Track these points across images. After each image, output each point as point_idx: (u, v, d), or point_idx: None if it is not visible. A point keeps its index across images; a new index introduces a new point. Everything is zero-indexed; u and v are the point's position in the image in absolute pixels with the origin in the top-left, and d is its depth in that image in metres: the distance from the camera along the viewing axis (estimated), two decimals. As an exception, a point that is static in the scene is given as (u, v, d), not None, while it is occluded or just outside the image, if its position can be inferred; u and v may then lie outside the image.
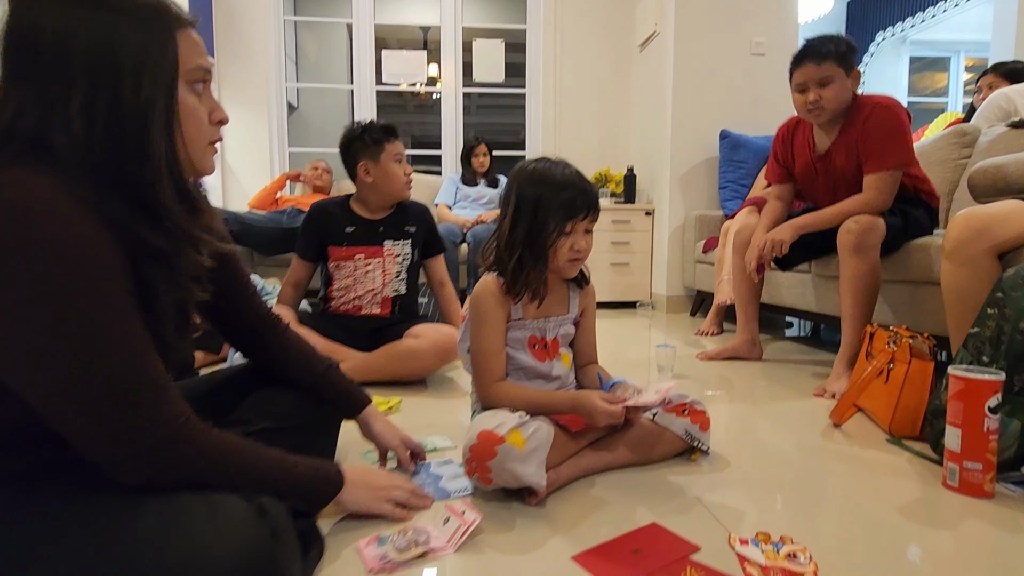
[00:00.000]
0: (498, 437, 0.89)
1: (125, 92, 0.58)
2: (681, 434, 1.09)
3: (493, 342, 1.06)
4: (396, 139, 1.76)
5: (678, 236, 3.28)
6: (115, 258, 0.57)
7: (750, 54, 3.17)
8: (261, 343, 0.94)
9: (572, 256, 1.05)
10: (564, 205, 1.01)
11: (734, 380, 1.82)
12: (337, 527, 0.87)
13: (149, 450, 0.58)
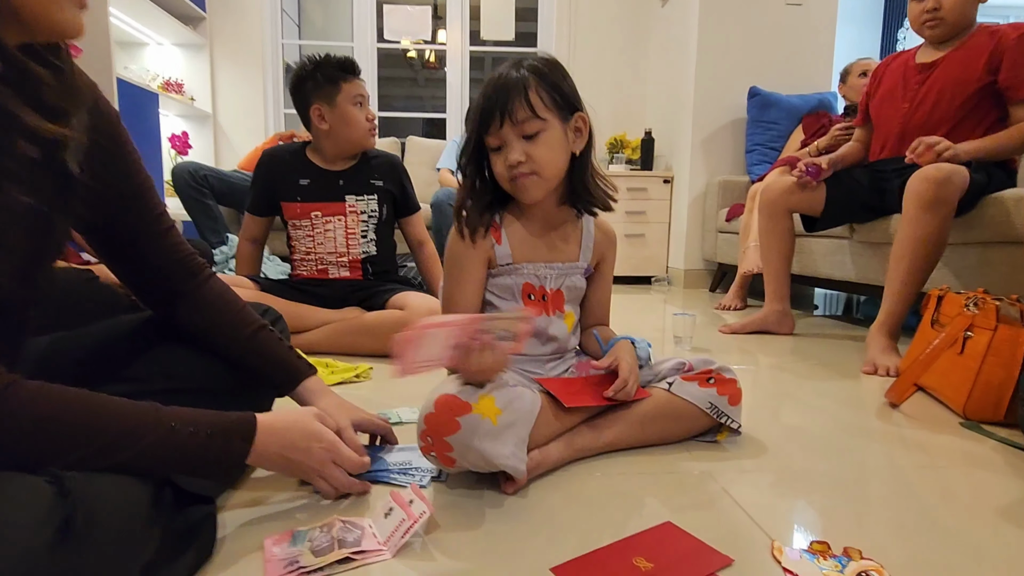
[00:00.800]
0: (462, 403, 0.67)
1: None
2: (704, 408, 0.85)
3: (458, 292, 0.86)
4: (355, 77, 1.51)
5: (699, 205, 3.01)
6: None
7: (785, 4, 2.86)
8: (172, 297, 0.73)
9: (510, 174, 0.82)
10: (474, 113, 0.82)
11: (762, 355, 1.58)
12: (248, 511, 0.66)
13: None
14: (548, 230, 0.90)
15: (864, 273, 1.84)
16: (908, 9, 1.62)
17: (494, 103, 0.79)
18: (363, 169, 1.58)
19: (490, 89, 0.80)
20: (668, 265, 3.26)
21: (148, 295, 0.74)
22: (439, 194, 2.90)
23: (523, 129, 0.80)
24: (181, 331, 0.74)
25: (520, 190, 0.83)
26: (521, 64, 0.81)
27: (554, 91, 0.81)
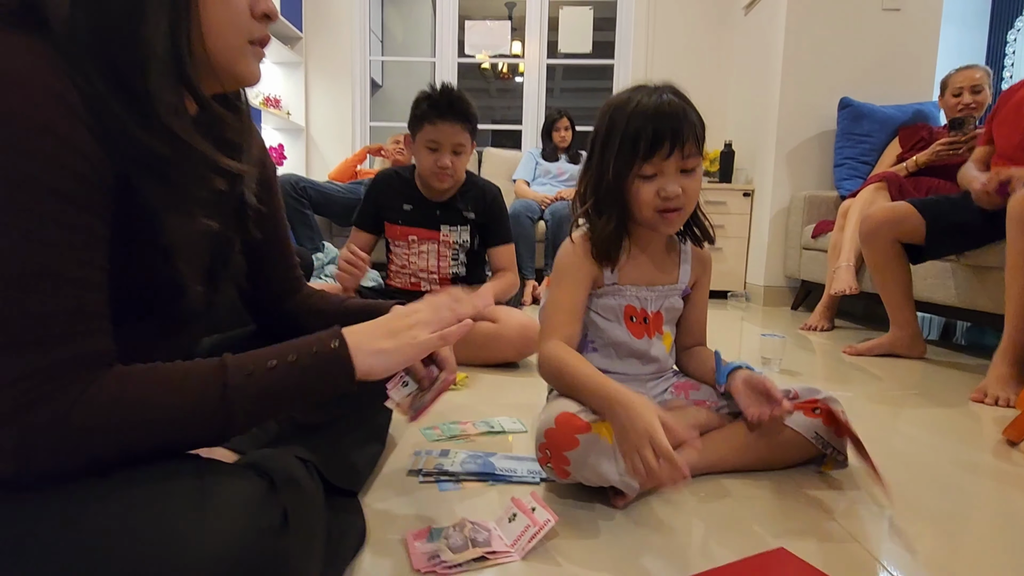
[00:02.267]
0: (582, 423, 0.72)
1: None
2: (810, 438, 0.85)
3: (569, 296, 0.87)
4: (444, 121, 1.45)
5: (781, 219, 2.92)
6: (88, 163, 0.44)
7: (881, 10, 2.74)
8: (283, 308, 0.81)
9: (660, 205, 0.81)
10: (629, 139, 0.79)
11: (857, 380, 1.53)
12: (385, 506, 0.73)
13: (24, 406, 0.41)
14: (651, 254, 0.93)
15: (971, 298, 1.73)
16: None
17: (666, 131, 0.78)
18: (459, 201, 1.61)
19: (658, 116, 0.78)
20: (746, 280, 3.18)
21: (260, 307, 0.82)
22: (516, 205, 2.97)
23: (686, 163, 0.80)
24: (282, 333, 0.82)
25: (665, 223, 0.83)
26: (663, 90, 0.82)
27: (702, 125, 0.83)
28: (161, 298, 0.53)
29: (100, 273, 0.45)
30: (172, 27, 0.48)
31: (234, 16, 0.53)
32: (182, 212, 0.51)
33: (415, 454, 0.90)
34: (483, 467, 0.86)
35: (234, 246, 0.67)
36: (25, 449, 0.40)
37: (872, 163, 2.64)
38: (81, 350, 0.43)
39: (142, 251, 0.50)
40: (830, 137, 2.82)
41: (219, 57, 0.53)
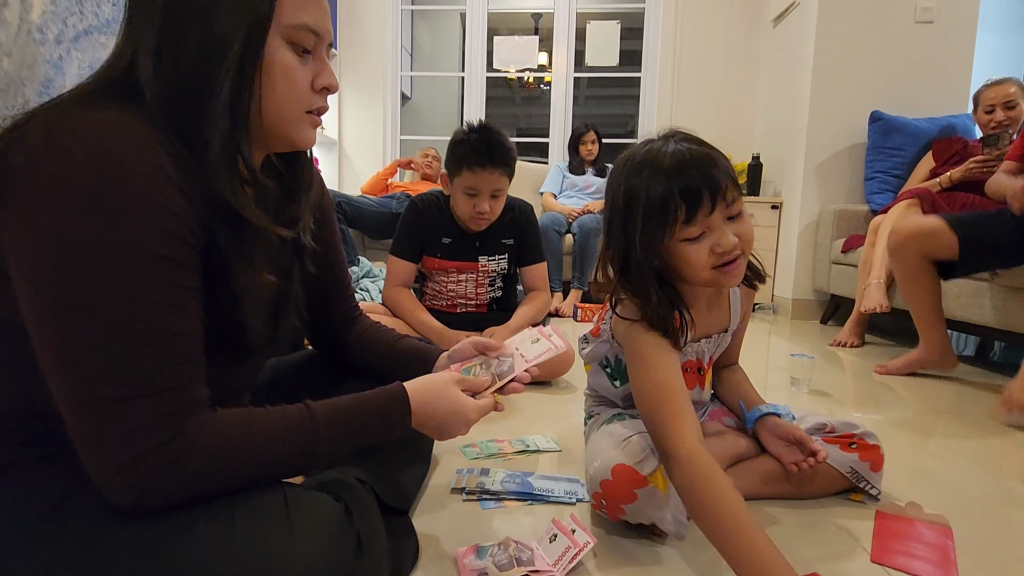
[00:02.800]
0: (640, 477, 0.73)
1: (193, 31, 0.51)
2: (845, 472, 0.88)
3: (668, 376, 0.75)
4: (482, 169, 1.44)
5: (810, 233, 2.91)
6: (186, 227, 0.49)
7: (914, 22, 2.71)
8: (339, 337, 0.88)
9: (718, 261, 0.73)
10: (656, 208, 0.71)
11: (888, 401, 1.53)
12: (432, 523, 0.78)
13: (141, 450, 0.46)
14: (703, 307, 0.87)
15: (1007, 319, 1.72)
16: None
17: (700, 185, 0.69)
18: (497, 230, 1.62)
19: (683, 172, 0.70)
20: (774, 293, 3.17)
21: (320, 335, 0.89)
22: (543, 219, 3.02)
23: (731, 210, 0.73)
24: (341, 361, 0.89)
25: (726, 276, 0.75)
26: (673, 139, 0.75)
27: (729, 163, 0.75)
28: (230, 336, 0.58)
29: (198, 323, 0.51)
30: (233, 102, 0.52)
31: (296, 90, 0.57)
32: (249, 264, 0.56)
33: (457, 472, 0.96)
34: (522, 487, 0.91)
35: (293, 285, 0.73)
36: (143, 489, 0.46)
37: (904, 177, 2.61)
38: (189, 396, 0.49)
39: (216, 296, 0.55)
40: (860, 150, 2.81)
41: (277, 127, 0.57)
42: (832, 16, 2.76)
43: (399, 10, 3.86)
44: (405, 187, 3.32)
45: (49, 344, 0.46)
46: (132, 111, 0.49)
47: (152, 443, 0.46)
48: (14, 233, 0.45)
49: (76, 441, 0.46)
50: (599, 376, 0.96)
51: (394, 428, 0.62)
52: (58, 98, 0.52)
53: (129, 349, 0.46)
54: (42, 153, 0.45)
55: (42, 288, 0.45)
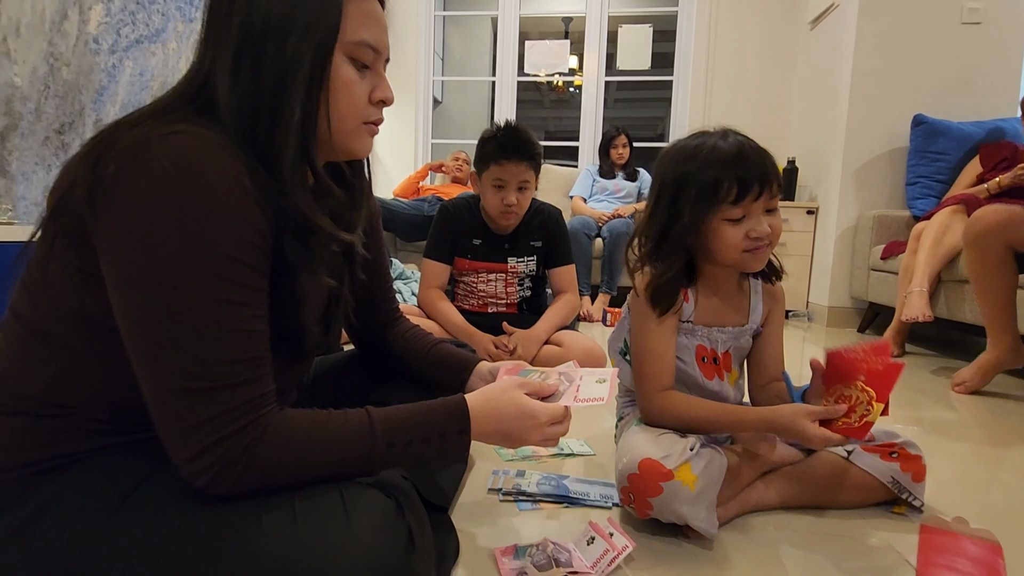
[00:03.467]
0: (665, 471, 0.75)
1: (269, 48, 0.54)
2: (886, 482, 0.86)
3: (658, 340, 0.88)
4: (508, 161, 1.52)
5: (847, 239, 2.84)
6: (260, 234, 0.52)
7: (960, 23, 2.63)
8: (379, 338, 0.91)
9: (749, 245, 0.83)
10: (709, 186, 0.81)
11: (928, 412, 1.49)
12: (470, 522, 0.80)
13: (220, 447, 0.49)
14: (724, 295, 0.93)
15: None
16: None
17: (755, 174, 0.80)
18: (526, 232, 1.66)
19: (742, 160, 0.80)
20: (809, 300, 3.10)
21: (363, 335, 0.92)
22: (573, 222, 3.02)
23: (771, 203, 0.83)
24: (382, 362, 0.92)
25: (754, 259, 0.85)
26: (730, 133, 0.85)
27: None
28: (288, 337, 0.61)
29: (266, 323, 0.54)
30: (304, 116, 0.55)
31: (355, 103, 0.60)
32: (312, 271, 0.59)
33: (493, 473, 0.97)
34: (558, 489, 0.92)
35: (344, 289, 0.75)
36: (216, 472, 0.49)
37: (948, 182, 2.53)
38: (261, 390, 0.52)
39: (279, 300, 0.58)
40: (901, 154, 2.73)
41: (338, 138, 0.60)
42: (873, 18, 2.70)
43: (431, 16, 3.92)
44: (436, 190, 3.37)
45: (138, 341, 0.49)
46: (209, 125, 0.53)
47: (228, 431, 0.49)
48: (107, 239, 0.49)
49: (159, 427, 0.50)
50: (622, 366, 0.98)
51: (452, 441, 0.62)
52: (139, 112, 0.55)
53: (210, 346, 0.49)
54: (132, 164, 0.48)
55: (132, 290, 0.49)
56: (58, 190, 0.52)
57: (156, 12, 2.47)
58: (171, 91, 0.57)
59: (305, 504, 0.51)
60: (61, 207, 0.51)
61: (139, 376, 0.50)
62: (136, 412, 0.53)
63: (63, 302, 0.53)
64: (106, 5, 2.23)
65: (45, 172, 2.05)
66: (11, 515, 0.52)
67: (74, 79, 2.12)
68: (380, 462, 0.57)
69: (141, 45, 2.41)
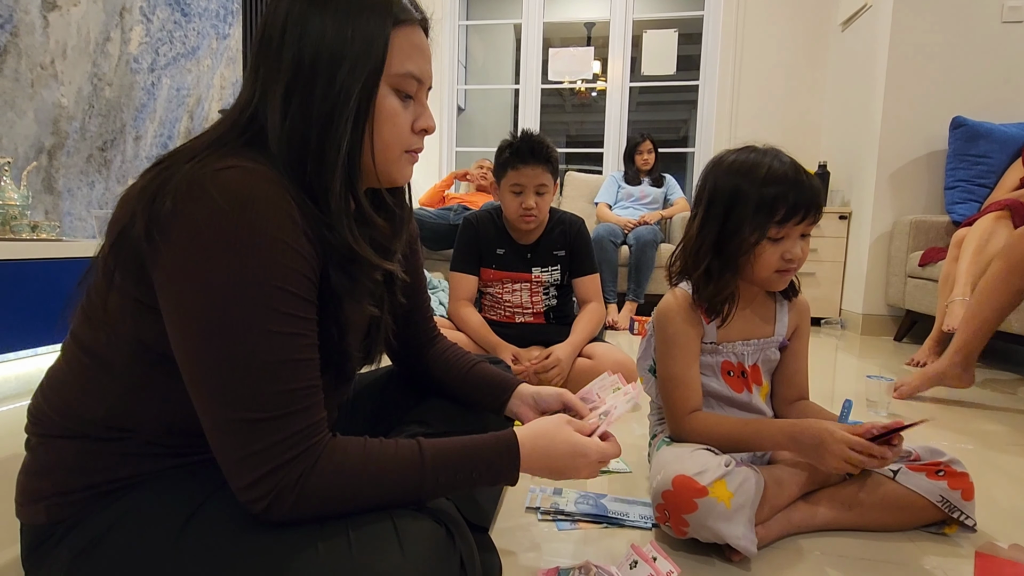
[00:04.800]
0: (699, 487, 0.75)
1: (319, 83, 0.55)
2: (935, 501, 0.84)
3: (684, 368, 0.91)
4: (525, 165, 1.54)
5: (883, 245, 2.77)
6: (309, 265, 0.53)
7: (1000, 22, 2.55)
8: (419, 357, 0.90)
9: (782, 267, 0.87)
10: (768, 204, 0.83)
11: (976, 430, 1.44)
12: (510, 542, 0.80)
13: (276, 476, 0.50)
14: (752, 311, 0.95)
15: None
16: None
17: (805, 200, 0.83)
18: (548, 241, 1.67)
19: (798, 184, 0.83)
20: (842, 307, 3.03)
21: (403, 354, 0.91)
22: (598, 229, 3.01)
23: (809, 228, 0.86)
24: (420, 380, 0.91)
25: (780, 282, 0.90)
26: (781, 155, 0.87)
27: None
28: (333, 363, 0.62)
29: (316, 351, 0.55)
30: (351, 148, 0.56)
31: (399, 133, 0.60)
32: (356, 300, 0.60)
33: (530, 491, 0.97)
34: (596, 508, 0.91)
35: (385, 314, 0.75)
36: (273, 499, 0.50)
37: (990, 185, 2.45)
38: (313, 418, 0.53)
39: (325, 328, 0.58)
40: (939, 158, 2.65)
41: (381, 166, 0.60)
42: (908, 18, 2.63)
43: (456, 25, 3.95)
44: (461, 199, 3.39)
45: (194, 372, 0.51)
46: (258, 158, 0.54)
47: (282, 460, 0.50)
48: (164, 273, 0.50)
49: (217, 455, 0.51)
50: (650, 384, 1.00)
51: (501, 477, 0.62)
52: (193, 144, 0.57)
53: (263, 376, 0.50)
54: (186, 200, 0.49)
55: (188, 323, 0.50)
56: (117, 223, 0.54)
57: (192, 31, 2.54)
58: (221, 123, 0.59)
59: (359, 533, 0.51)
60: (121, 241, 0.53)
61: (196, 405, 0.52)
62: (194, 436, 0.54)
63: (122, 331, 0.55)
64: (146, 25, 2.31)
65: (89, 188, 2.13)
66: (77, 536, 0.54)
67: (116, 98, 2.20)
68: (429, 493, 0.57)
69: (178, 63, 2.49)
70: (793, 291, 0.97)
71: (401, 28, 0.58)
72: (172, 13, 2.46)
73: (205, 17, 2.66)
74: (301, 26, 0.55)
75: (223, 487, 0.52)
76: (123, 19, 2.24)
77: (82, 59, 2.09)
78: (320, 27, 0.55)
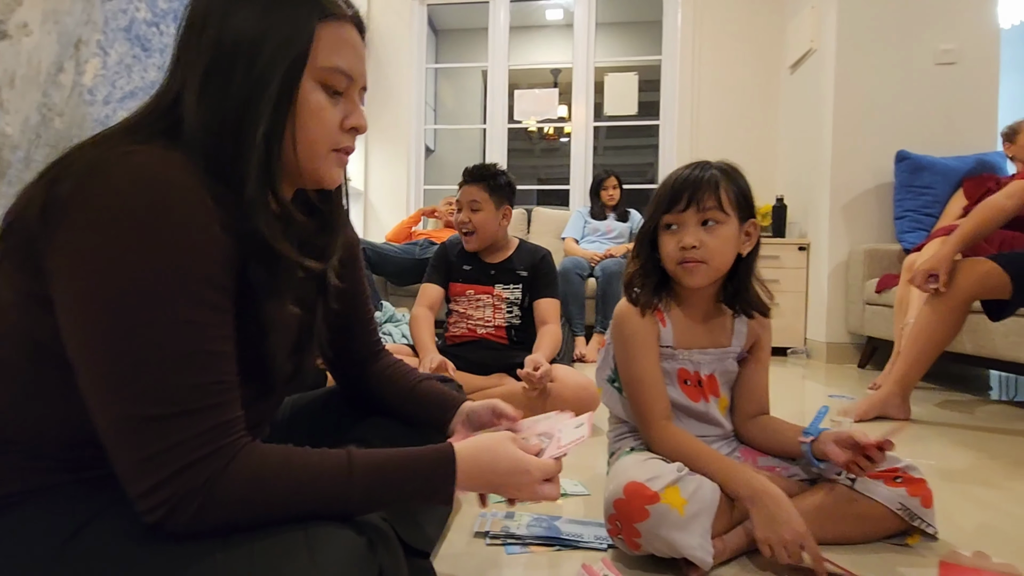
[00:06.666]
0: (651, 493, 0.71)
1: (239, 67, 0.53)
2: (895, 509, 0.81)
3: (646, 367, 0.89)
4: (464, 184, 1.73)
5: (840, 274, 2.84)
6: (222, 253, 0.50)
7: (934, 64, 2.72)
8: (360, 372, 0.86)
9: (680, 257, 0.87)
10: (663, 197, 0.89)
11: (937, 447, 1.43)
12: (454, 569, 0.74)
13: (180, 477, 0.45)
14: (706, 318, 0.94)
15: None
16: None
17: (684, 187, 0.87)
18: (512, 262, 1.78)
19: (682, 177, 0.88)
20: (806, 336, 3.07)
21: (342, 372, 0.87)
22: (565, 263, 3.02)
23: (704, 216, 0.86)
24: (363, 398, 0.86)
25: (685, 273, 0.88)
26: (709, 165, 0.90)
27: (739, 192, 0.88)
28: (255, 370, 0.57)
29: (232, 345, 0.50)
30: (268, 137, 0.53)
31: (326, 129, 0.58)
32: (276, 297, 0.56)
33: (480, 515, 0.91)
34: (549, 531, 0.86)
35: (316, 321, 0.72)
36: (174, 505, 0.45)
37: (935, 215, 2.56)
38: (225, 416, 0.48)
39: (244, 328, 0.54)
40: (888, 190, 2.77)
41: (306, 163, 0.58)
42: (850, 61, 2.79)
43: (423, 69, 4.05)
44: (428, 234, 3.38)
45: (93, 365, 0.46)
46: (172, 146, 0.51)
47: (188, 460, 0.45)
48: (61, 257, 0.46)
49: (113, 461, 0.46)
50: (610, 396, 0.98)
51: (436, 492, 0.57)
52: (103, 132, 0.54)
53: (172, 368, 0.46)
54: (88, 182, 0.46)
55: (88, 310, 0.45)
56: (12, 211, 0.50)
57: (152, 66, 2.53)
58: (138, 111, 0.56)
59: (265, 542, 0.46)
60: (14, 227, 0.49)
61: (91, 406, 0.46)
62: (89, 448, 0.49)
63: (13, 330, 0.50)
64: (103, 58, 2.29)
65: (32, 219, 2.04)
66: None
67: (66, 129, 2.15)
68: (357, 507, 0.52)
69: (135, 96, 2.46)
70: (758, 308, 0.94)
71: (329, 22, 0.57)
72: (131, 48, 2.45)
73: (166, 53, 2.66)
74: (224, 13, 0.54)
75: (120, 500, 0.47)
76: (78, 51, 2.22)
77: (31, 89, 2.04)
78: (242, 14, 0.54)
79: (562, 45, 4.07)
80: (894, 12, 2.76)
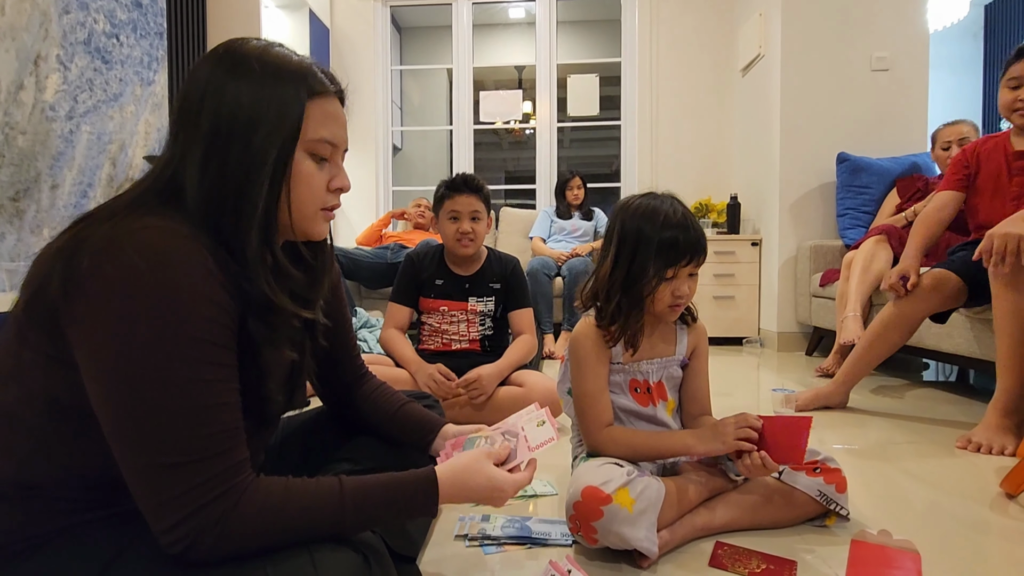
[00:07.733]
0: (604, 495, 0.83)
1: (235, 147, 0.59)
2: (814, 495, 0.96)
3: (595, 384, 1.00)
4: (458, 194, 1.71)
5: (790, 268, 3.03)
6: (227, 314, 0.57)
7: (870, 70, 2.92)
8: (348, 397, 0.94)
9: (673, 302, 0.99)
10: (665, 247, 0.95)
11: (860, 431, 1.61)
12: (438, 570, 0.84)
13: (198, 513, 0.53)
14: (654, 332, 1.06)
15: (977, 348, 1.81)
16: (999, 96, 1.66)
17: (692, 244, 0.95)
18: (485, 275, 1.79)
19: (686, 230, 0.95)
20: (760, 327, 3.26)
21: (330, 394, 0.95)
22: (533, 263, 3.13)
23: (696, 268, 0.99)
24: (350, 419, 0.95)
25: (672, 313, 1.01)
26: (675, 202, 0.99)
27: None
28: (254, 408, 0.65)
29: (237, 394, 0.58)
30: (267, 207, 0.61)
31: (314, 193, 0.65)
32: (275, 346, 0.64)
33: (459, 519, 1.01)
34: (521, 531, 0.97)
35: (307, 358, 0.77)
36: (193, 540, 0.53)
37: (873, 212, 2.76)
38: (234, 459, 0.56)
39: (244, 374, 0.61)
40: (831, 189, 2.96)
41: (297, 223, 0.65)
42: (794, 66, 2.96)
43: (389, 70, 4.07)
44: (399, 237, 3.43)
45: (116, 422, 0.53)
46: (176, 216, 0.58)
47: (203, 501, 0.53)
48: (82, 329, 0.53)
49: (139, 501, 0.54)
50: (569, 406, 1.08)
51: (420, 511, 0.67)
52: (111, 204, 0.60)
53: (185, 423, 0.53)
54: (104, 257, 0.53)
55: (108, 374, 0.53)
56: (32, 282, 0.56)
57: (114, 77, 2.51)
58: (140, 183, 0.62)
59: (277, 569, 0.55)
60: (36, 300, 0.55)
61: (116, 454, 0.54)
62: (108, 488, 0.56)
63: (35, 387, 0.56)
64: (63, 73, 2.26)
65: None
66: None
67: (29, 147, 2.13)
68: (350, 528, 0.61)
69: (99, 110, 2.44)
70: (692, 317, 1.09)
71: (317, 99, 0.64)
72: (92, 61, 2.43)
73: (128, 64, 2.63)
74: (219, 94, 0.60)
75: (143, 533, 0.54)
76: (38, 67, 2.20)
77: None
78: (236, 95, 0.60)
79: (525, 43, 4.14)
80: (832, 20, 2.93)
